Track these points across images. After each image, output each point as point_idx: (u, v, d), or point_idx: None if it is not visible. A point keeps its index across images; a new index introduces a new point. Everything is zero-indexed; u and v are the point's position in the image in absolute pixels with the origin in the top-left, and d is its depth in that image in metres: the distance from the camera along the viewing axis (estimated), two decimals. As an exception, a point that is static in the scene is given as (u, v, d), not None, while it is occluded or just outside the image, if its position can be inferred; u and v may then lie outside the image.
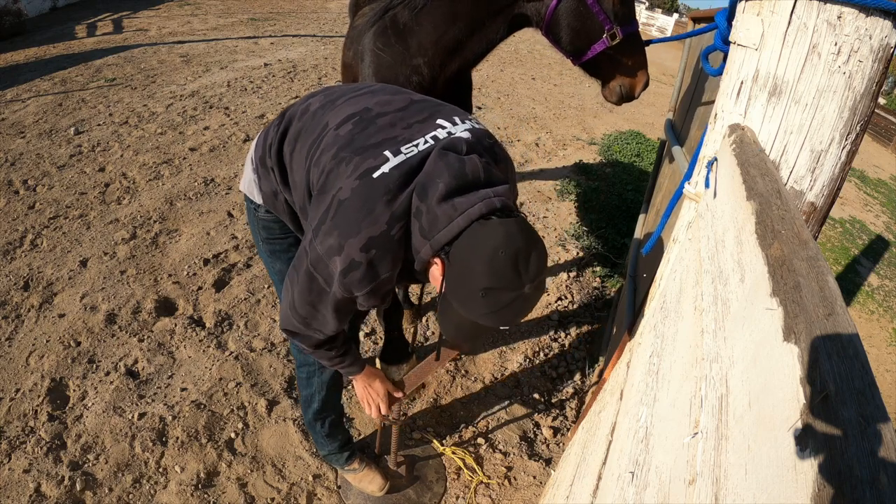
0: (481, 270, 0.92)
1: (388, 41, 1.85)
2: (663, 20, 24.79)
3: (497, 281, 0.92)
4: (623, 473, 0.87)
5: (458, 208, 0.96)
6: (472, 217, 0.96)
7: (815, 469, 0.36)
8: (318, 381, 1.69)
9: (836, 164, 0.86)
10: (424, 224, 0.99)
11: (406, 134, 1.10)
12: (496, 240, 0.92)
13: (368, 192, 1.01)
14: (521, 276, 0.93)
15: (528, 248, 0.94)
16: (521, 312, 0.98)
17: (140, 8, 9.63)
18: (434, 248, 0.99)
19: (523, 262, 0.93)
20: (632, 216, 4.08)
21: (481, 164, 1.02)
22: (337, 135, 1.13)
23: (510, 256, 0.91)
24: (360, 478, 1.92)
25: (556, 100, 7.72)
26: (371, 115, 1.15)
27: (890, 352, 4.05)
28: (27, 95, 5.06)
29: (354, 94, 1.24)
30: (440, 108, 1.20)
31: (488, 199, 0.97)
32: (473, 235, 0.94)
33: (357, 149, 1.08)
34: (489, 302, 0.94)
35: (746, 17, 0.90)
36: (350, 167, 1.05)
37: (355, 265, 1.01)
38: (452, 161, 1.00)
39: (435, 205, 0.97)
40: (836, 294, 0.50)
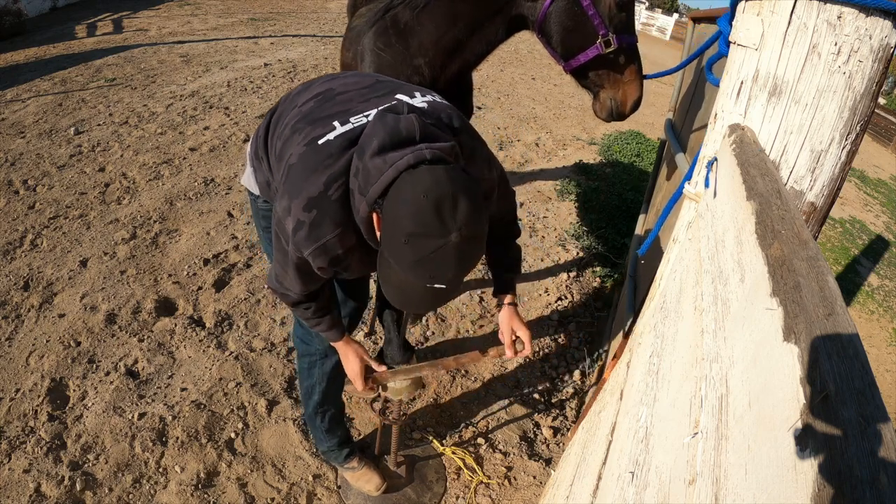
0: (405, 215, 0.91)
1: (389, 41, 1.84)
2: (663, 20, 24.78)
3: (420, 227, 0.90)
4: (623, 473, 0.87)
5: (388, 161, 0.96)
6: (400, 168, 0.95)
7: (815, 469, 0.36)
8: (318, 371, 1.69)
9: (836, 164, 0.86)
10: (360, 181, 1.01)
11: (360, 107, 1.15)
12: (421, 186, 0.91)
13: (311, 156, 1.08)
14: (444, 222, 0.90)
15: (454, 194, 0.91)
16: (449, 265, 0.94)
17: (140, 8, 9.63)
18: (369, 203, 1.00)
19: (449, 209, 0.91)
20: (632, 216, 4.08)
21: (418, 122, 1.01)
22: (300, 111, 1.22)
23: (432, 201, 0.90)
24: (357, 476, 1.92)
25: (557, 100, 7.72)
26: (333, 93, 1.23)
27: (890, 352, 4.05)
28: (27, 95, 5.06)
29: (327, 79, 1.32)
30: (404, 86, 1.25)
31: (418, 151, 0.97)
32: (401, 184, 0.94)
33: (310, 120, 1.16)
34: (413, 249, 0.91)
35: (746, 17, 0.90)
36: (301, 136, 1.13)
37: (300, 224, 1.07)
38: (388, 120, 1.01)
39: (369, 160, 0.98)
40: (836, 294, 0.50)
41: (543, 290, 3.23)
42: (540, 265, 3.49)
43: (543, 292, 3.21)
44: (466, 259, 0.96)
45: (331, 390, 1.74)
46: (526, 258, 3.53)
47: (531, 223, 4.01)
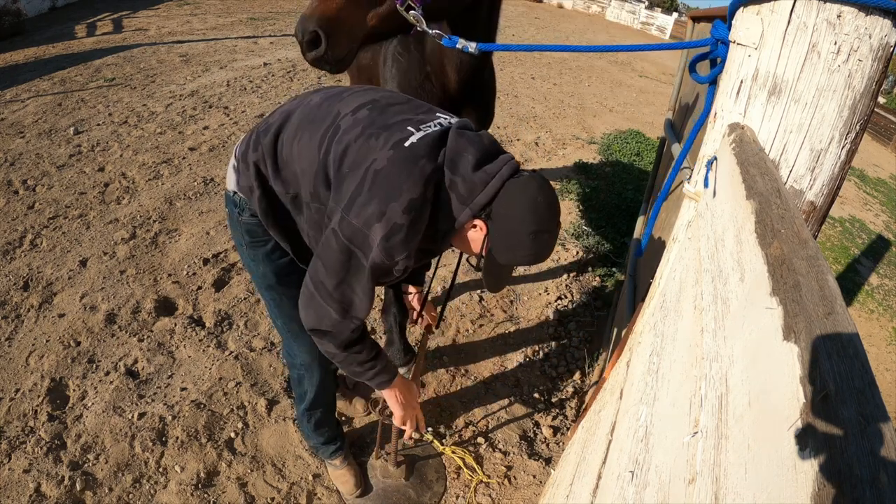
0: (528, 217, 1.12)
1: (408, 47, 1.86)
2: (663, 19, 24.76)
3: (542, 224, 1.13)
4: (623, 473, 0.87)
5: (490, 172, 1.14)
6: (504, 177, 1.14)
7: (815, 468, 0.36)
8: (307, 383, 1.70)
9: (836, 163, 0.86)
10: (462, 192, 1.14)
11: (419, 118, 1.23)
12: (533, 190, 1.13)
13: (404, 158, 1.11)
14: (556, 217, 1.17)
15: (555, 196, 1.18)
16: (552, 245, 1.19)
17: (139, 8, 9.62)
18: (474, 210, 1.15)
19: (556, 206, 1.17)
20: (632, 215, 4.08)
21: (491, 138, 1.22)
22: (356, 118, 1.21)
23: (547, 204, 1.14)
24: (337, 475, 1.95)
25: (556, 99, 7.72)
26: (382, 104, 1.26)
27: (890, 351, 4.05)
28: (27, 95, 5.06)
29: (356, 91, 1.33)
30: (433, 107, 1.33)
31: (510, 162, 1.17)
32: (512, 191, 1.13)
33: (382, 126, 1.18)
34: (536, 242, 1.14)
35: (746, 16, 0.90)
36: (381, 141, 1.14)
37: (398, 228, 1.08)
38: (472, 137, 1.18)
39: (470, 173, 1.13)
40: (835, 293, 0.50)
41: (543, 290, 3.23)
42: (540, 265, 3.49)
43: (543, 292, 3.21)
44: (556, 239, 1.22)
45: (320, 398, 1.75)
46: (526, 257, 3.53)
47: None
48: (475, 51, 1.34)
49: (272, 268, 1.44)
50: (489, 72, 2.02)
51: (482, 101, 2.01)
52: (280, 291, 1.47)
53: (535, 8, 22.27)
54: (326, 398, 1.78)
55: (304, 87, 6.14)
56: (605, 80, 9.86)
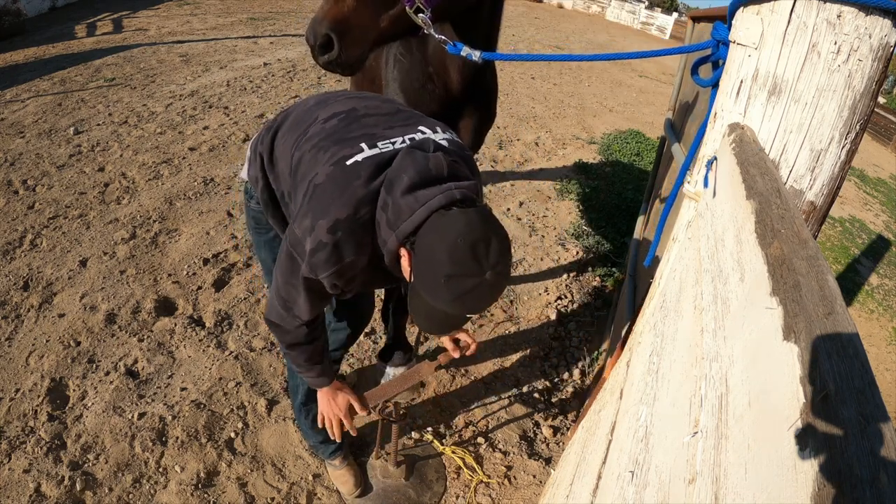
0: (443, 258, 0.97)
1: (410, 47, 1.85)
2: (662, 19, 24.75)
3: (458, 268, 0.96)
4: (623, 473, 0.87)
5: (420, 200, 1.02)
6: (432, 208, 1.01)
7: (815, 468, 0.36)
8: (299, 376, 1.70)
9: (836, 163, 0.86)
10: (390, 216, 1.05)
11: (386, 133, 1.18)
12: (456, 228, 0.97)
13: (340, 177, 1.09)
14: (480, 263, 0.97)
15: (487, 236, 0.98)
16: (484, 299, 1.01)
17: (139, 8, 9.62)
18: (399, 238, 1.05)
19: (483, 250, 0.97)
20: (632, 215, 4.08)
21: (446, 160, 1.07)
22: (323, 127, 1.22)
23: (469, 244, 0.96)
24: (336, 475, 1.95)
25: (556, 99, 7.72)
26: (357, 114, 1.25)
27: (890, 351, 4.05)
28: (26, 95, 5.06)
29: (348, 97, 1.34)
30: (424, 119, 1.28)
31: (449, 192, 1.03)
32: (435, 225, 1.00)
33: (337, 140, 1.16)
34: (451, 288, 0.98)
35: (746, 16, 0.90)
36: (327, 155, 1.13)
37: (322, 246, 1.07)
38: (418, 157, 1.06)
39: (399, 197, 1.03)
40: (835, 293, 0.50)
41: (543, 290, 3.23)
42: (540, 264, 3.49)
43: (543, 292, 3.21)
44: (498, 291, 1.03)
45: (313, 390, 1.74)
46: (526, 257, 3.53)
47: (531, 222, 4.01)
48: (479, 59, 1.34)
49: (272, 255, 1.52)
50: (491, 73, 2.02)
51: (484, 101, 2.01)
52: None
53: (535, 8, 22.27)
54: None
55: (304, 87, 6.14)
56: (605, 80, 9.86)
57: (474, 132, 2.05)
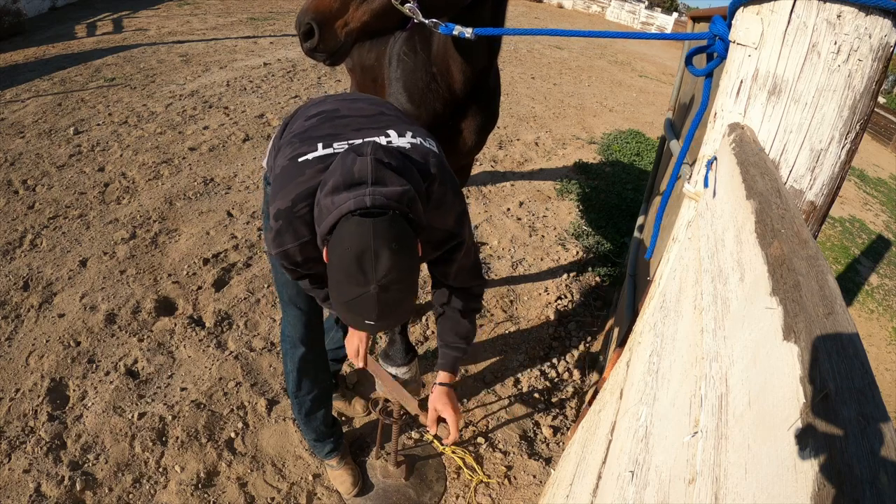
0: (334, 262, 1.00)
1: (414, 47, 1.85)
2: (662, 19, 24.75)
3: (343, 275, 0.98)
4: (623, 472, 0.87)
5: (336, 203, 1.02)
6: (342, 212, 1.01)
7: (815, 468, 0.36)
8: (290, 360, 1.74)
9: (836, 163, 0.86)
10: (316, 214, 1.09)
11: (350, 135, 1.22)
12: (349, 236, 0.98)
13: (289, 171, 1.17)
14: (365, 273, 0.96)
15: (376, 248, 0.96)
16: (372, 311, 0.99)
17: (139, 8, 9.61)
18: (320, 237, 1.08)
19: (369, 261, 0.96)
20: (632, 215, 4.08)
21: (373, 165, 1.05)
22: (303, 124, 1.30)
23: (354, 254, 0.96)
24: (334, 475, 1.95)
25: (556, 99, 7.72)
26: (337, 114, 1.31)
27: (890, 350, 4.05)
28: (27, 95, 5.06)
29: (341, 99, 1.41)
30: (400, 123, 1.30)
31: (360, 197, 1.00)
32: (340, 230, 1.01)
33: (303, 137, 1.24)
34: (339, 294, 1.00)
35: (746, 16, 0.90)
36: (289, 149, 1.22)
37: (269, 228, 1.19)
38: (348, 160, 1.07)
39: (323, 197, 1.05)
40: (835, 293, 0.50)
41: (543, 290, 3.23)
42: (540, 264, 3.49)
43: (543, 291, 3.21)
44: (390, 305, 1.01)
45: (304, 377, 1.75)
46: (525, 258, 3.53)
47: (531, 222, 4.01)
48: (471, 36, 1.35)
49: None
50: (495, 76, 2.02)
51: (487, 102, 2.01)
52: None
53: (535, 8, 22.27)
54: (312, 382, 1.77)
55: (304, 87, 6.14)
56: (605, 80, 9.86)
57: (477, 133, 2.06)
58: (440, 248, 1.30)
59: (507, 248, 3.61)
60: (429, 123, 1.94)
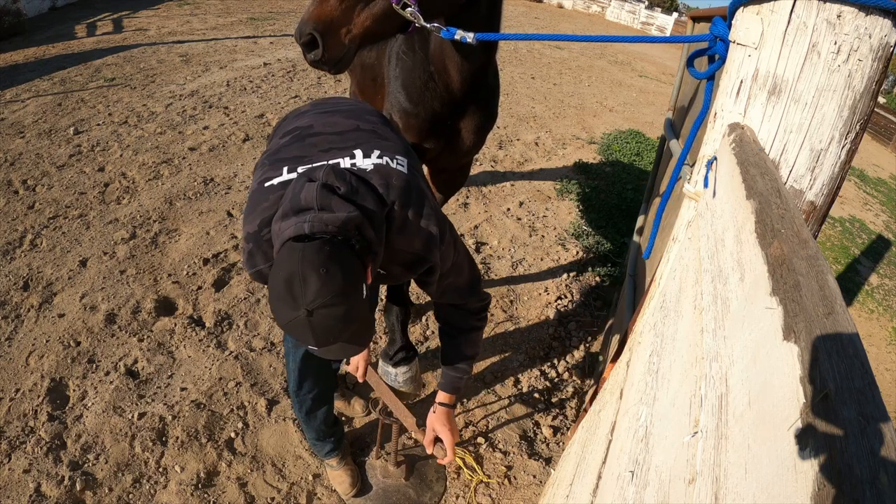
0: (271, 287, 1.01)
1: (412, 46, 1.86)
2: (662, 19, 24.76)
3: (276, 299, 0.99)
4: (623, 473, 0.87)
5: (282, 229, 1.05)
6: (283, 238, 1.04)
7: (815, 468, 0.36)
8: (291, 359, 1.72)
9: (836, 163, 0.86)
10: (272, 240, 1.11)
11: (317, 157, 1.23)
12: (280, 261, 1.00)
13: (256, 197, 1.19)
14: (295, 298, 0.96)
15: (304, 273, 0.96)
16: (306, 335, 0.99)
17: (139, 8, 9.61)
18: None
19: (299, 286, 0.96)
20: (632, 215, 4.08)
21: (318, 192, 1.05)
22: (278, 142, 1.32)
23: (283, 279, 0.97)
24: (333, 475, 1.95)
25: (556, 99, 7.72)
26: (310, 132, 1.31)
27: (890, 351, 4.05)
28: (26, 95, 5.06)
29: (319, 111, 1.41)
30: (372, 140, 1.29)
31: (299, 224, 1.02)
32: (279, 256, 1.03)
33: (274, 159, 1.25)
34: (277, 317, 1.01)
35: (746, 16, 0.90)
36: (260, 172, 1.24)
37: (243, 249, 1.21)
38: (298, 186, 1.09)
39: (274, 223, 1.09)
40: (835, 293, 0.50)
41: (543, 290, 3.23)
42: (540, 264, 3.49)
43: (543, 291, 3.21)
44: (325, 332, 0.99)
45: (305, 376, 1.74)
46: (526, 257, 3.53)
47: (531, 222, 4.01)
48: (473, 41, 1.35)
49: None
50: (493, 75, 2.02)
51: (485, 101, 2.01)
52: None
53: (534, 8, 22.27)
54: (313, 382, 1.76)
55: (304, 87, 6.14)
56: (605, 80, 9.86)
57: (476, 132, 2.06)
58: (412, 269, 1.29)
59: (507, 248, 3.61)
60: (427, 122, 1.95)
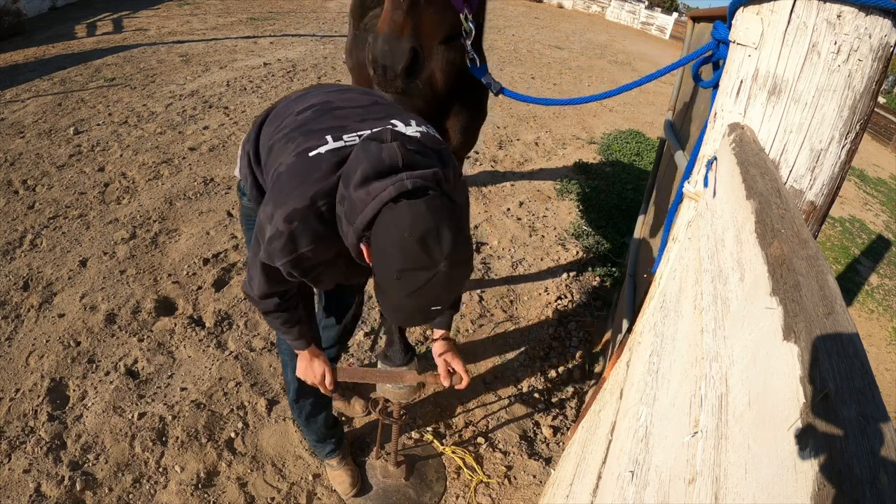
0: (394, 253, 0.95)
1: None
2: (662, 19, 24.74)
3: (409, 263, 0.94)
4: (623, 472, 0.87)
5: (372, 193, 0.98)
6: (383, 200, 0.97)
7: (815, 468, 0.36)
8: (290, 370, 1.72)
9: (836, 163, 0.86)
10: (347, 210, 1.03)
11: (356, 126, 1.16)
12: (404, 222, 0.94)
13: (300, 168, 1.09)
14: (432, 255, 0.94)
15: (437, 227, 0.94)
16: (442, 290, 0.98)
17: (139, 8, 9.61)
18: (356, 233, 1.02)
19: (433, 241, 0.94)
20: (631, 215, 4.08)
21: (401, 150, 1.02)
22: (295, 119, 1.22)
23: (416, 238, 0.93)
24: (333, 475, 1.95)
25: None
26: (331, 106, 1.24)
27: (889, 351, 4.05)
28: (27, 95, 5.05)
29: (327, 90, 1.33)
30: (400, 112, 1.26)
31: (400, 182, 0.98)
32: (384, 219, 0.97)
33: (305, 131, 1.16)
34: (406, 284, 0.96)
35: (746, 16, 0.90)
36: (293, 145, 1.13)
37: (278, 234, 1.07)
38: (372, 148, 1.02)
39: (353, 190, 1.00)
40: (835, 293, 0.50)
41: (543, 290, 3.23)
42: (540, 264, 3.49)
43: (543, 291, 3.21)
44: (457, 281, 0.99)
45: (304, 386, 1.74)
46: (525, 257, 3.53)
47: (531, 222, 4.01)
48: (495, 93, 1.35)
49: None
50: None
51: (473, 99, 2.00)
52: None
53: (534, 8, 22.27)
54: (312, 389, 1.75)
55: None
56: (604, 80, 9.86)
57: (463, 131, 2.04)
58: None
59: (507, 248, 3.61)
60: None
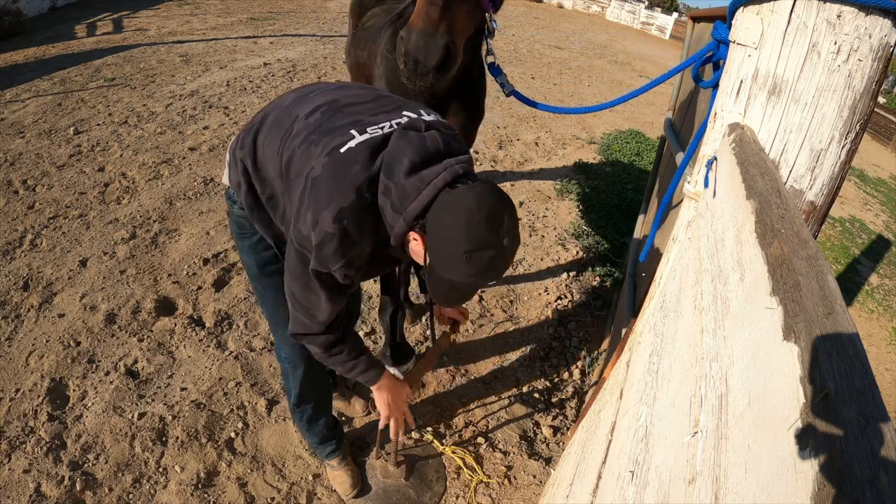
0: (460, 236, 0.99)
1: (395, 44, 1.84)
2: (662, 19, 24.73)
3: (478, 243, 0.99)
4: (623, 472, 0.87)
5: (425, 180, 1.02)
6: (438, 186, 1.02)
7: (815, 468, 0.36)
8: (291, 378, 1.71)
9: (836, 163, 0.86)
10: (395, 199, 1.04)
11: (373, 119, 1.17)
12: (468, 204, 0.99)
13: (337, 165, 1.08)
14: (498, 233, 1.00)
15: (500, 208, 1.01)
16: (504, 267, 1.06)
17: (139, 8, 9.61)
18: (407, 221, 1.05)
19: (497, 221, 1.00)
20: (631, 215, 4.08)
21: (441, 137, 1.08)
22: (307, 122, 1.20)
23: (485, 218, 0.99)
24: (334, 475, 1.95)
25: (556, 99, 7.72)
26: (339, 104, 1.23)
27: (889, 350, 4.05)
28: (26, 95, 5.05)
29: (326, 90, 1.32)
30: (407, 103, 1.28)
31: (451, 168, 1.04)
32: (445, 203, 1.01)
33: (325, 131, 1.15)
34: (474, 263, 1.00)
35: (746, 16, 0.90)
36: (319, 147, 1.12)
37: (329, 237, 1.06)
38: (413, 138, 1.06)
39: (403, 179, 1.03)
40: (835, 293, 0.50)
41: (543, 290, 3.23)
42: (540, 264, 3.49)
43: (543, 291, 3.21)
44: (514, 255, 1.07)
45: (306, 393, 1.75)
46: (526, 257, 3.53)
47: (531, 222, 4.01)
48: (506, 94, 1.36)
49: (256, 259, 1.48)
50: (478, 69, 2.00)
51: (471, 98, 1.99)
52: (264, 283, 1.51)
53: (534, 8, 22.27)
54: (313, 394, 1.77)
55: (304, 87, 6.13)
56: (605, 80, 9.86)
57: (461, 130, 2.04)
58: None
59: (507, 248, 3.60)
60: None
